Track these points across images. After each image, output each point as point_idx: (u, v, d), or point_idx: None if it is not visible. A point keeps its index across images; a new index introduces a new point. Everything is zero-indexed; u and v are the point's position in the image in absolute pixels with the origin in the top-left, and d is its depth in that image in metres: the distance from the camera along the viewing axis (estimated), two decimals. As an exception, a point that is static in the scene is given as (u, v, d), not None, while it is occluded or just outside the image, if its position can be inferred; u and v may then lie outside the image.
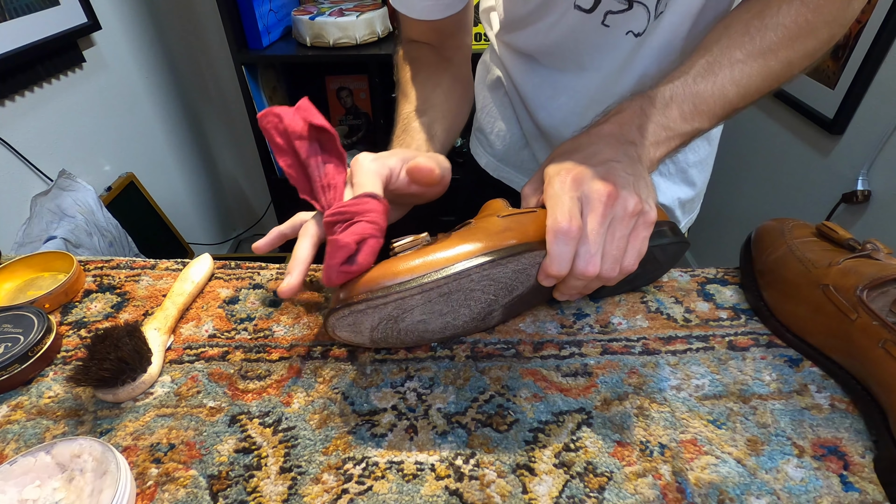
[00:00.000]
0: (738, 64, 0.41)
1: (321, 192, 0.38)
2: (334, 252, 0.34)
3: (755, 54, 0.42)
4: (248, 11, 1.32)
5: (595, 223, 0.34)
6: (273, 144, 0.39)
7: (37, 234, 1.08)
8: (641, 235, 0.36)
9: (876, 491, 0.32)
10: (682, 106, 0.41)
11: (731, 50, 0.42)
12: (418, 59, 0.57)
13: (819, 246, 0.44)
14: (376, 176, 0.38)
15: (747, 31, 0.42)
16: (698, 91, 0.41)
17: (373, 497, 0.33)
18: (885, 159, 1.08)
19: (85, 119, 1.28)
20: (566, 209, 0.34)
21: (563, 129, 0.59)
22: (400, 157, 0.40)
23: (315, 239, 0.39)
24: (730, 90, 0.42)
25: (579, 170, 0.36)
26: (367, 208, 0.35)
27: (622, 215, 0.35)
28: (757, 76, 0.42)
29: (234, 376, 0.41)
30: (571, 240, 0.34)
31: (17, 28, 1.04)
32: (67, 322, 0.48)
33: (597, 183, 0.35)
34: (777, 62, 0.42)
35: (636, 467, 0.34)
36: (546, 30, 0.53)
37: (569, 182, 0.36)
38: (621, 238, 0.35)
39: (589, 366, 0.41)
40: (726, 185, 1.66)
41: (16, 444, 0.37)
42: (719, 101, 0.42)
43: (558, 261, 0.34)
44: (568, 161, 0.38)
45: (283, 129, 0.38)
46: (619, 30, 0.50)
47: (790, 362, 0.41)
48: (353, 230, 0.34)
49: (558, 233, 0.34)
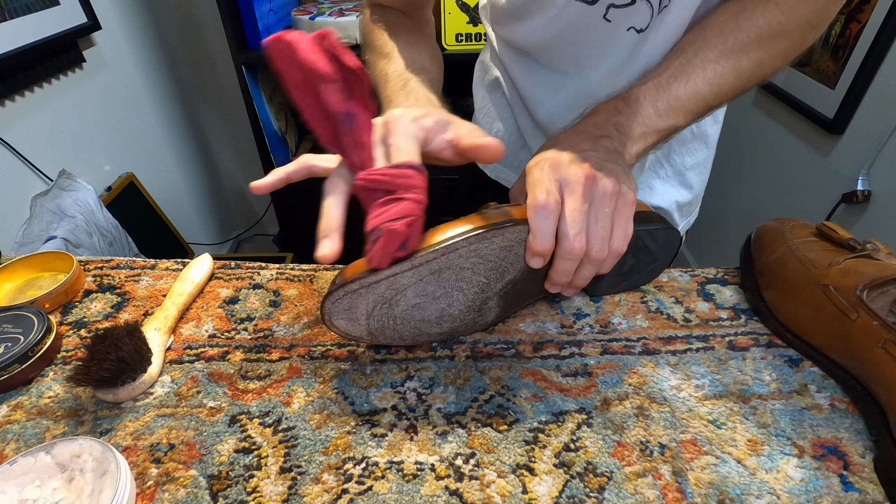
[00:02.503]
0: (711, 63, 0.43)
1: (350, 149, 0.35)
2: (391, 239, 0.33)
3: (727, 54, 0.43)
4: (248, 11, 1.32)
5: (575, 202, 0.36)
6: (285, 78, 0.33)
7: (37, 234, 1.08)
8: (624, 216, 0.37)
9: (876, 491, 0.32)
10: (655, 104, 0.43)
11: (704, 51, 0.43)
12: (395, 24, 0.56)
13: (819, 246, 0.44)
14: (416, 141, 0.36)
15: (721, 31, 0.44)
16: (672, 91, 0.43)
17: (373, 497, 0.33)
18: (885, 159, 1.08)
19: (85, 119, 1.28)
20: (544, 187, 0.36)
21: (561, 126, 0.59)
22: (435, 119, 0.38)
23: (346, 196, 0.36)
24: (704, 89, 0.43)
25: (556, 158, 0.38)
26: (412, 183, 0.33)
27: (601, 195, 0.36)
28: (730, 75, 0.44)
29: (234, 376, 0.41)
30: (551, 213, 0.35)
31: (17, 28, 1.03)
32: (67, 322, 0.48)
33: (573, 166, 0.37)
34: (749, 62, 0.44)
35: (636, 467, 0.34)
36: (545, 24, 0.53)
37: (546, 168, 0.37)
38: (605, 217, 0.36)
39: (589, 366, 0.41)
40: (726, 185, 1.66)
41: (16, 444, 0.37)
42: (693, 99, 0.43)
43: (541, 235, 0.35)
44: (545, 154, 0.39)
45: (300, 62, 0.32)
46: (620, 25, 0.49)
47: (790, 362, 0.41)
48: (401, 209, 0.32)
49: (538, 208, 0.35)
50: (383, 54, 0.53)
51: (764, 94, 1.47)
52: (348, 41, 1.36)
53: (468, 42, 1.36)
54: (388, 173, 0.33)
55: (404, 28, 0.56)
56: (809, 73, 1.26)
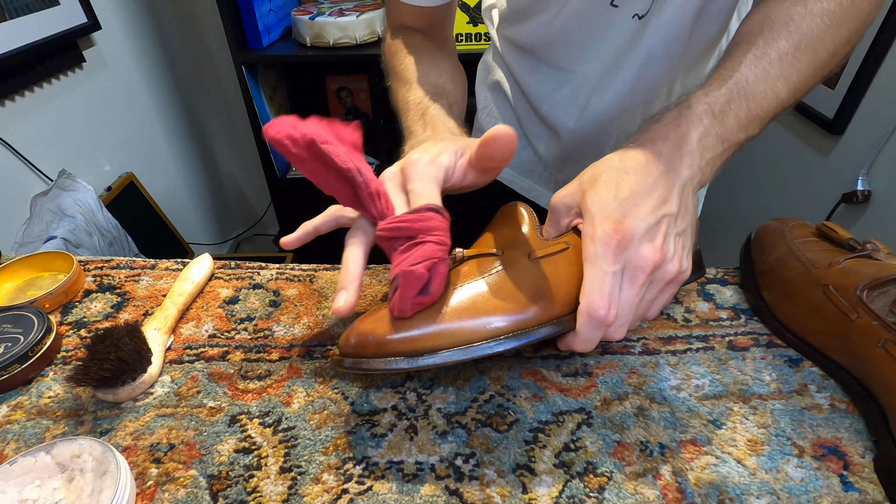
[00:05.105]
0: (787, 57, 0.37)
1: (369, 201, 0.34)
2: (410, 283, 0.31)
3: (803, 46, 0.37)
4: (248, 11, 1.32)
5: (631, 295, 0.32)
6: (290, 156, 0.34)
7: (37, 234, 1.08)
8: (669, 293, 0.34)
9: (876, 491, 0.32)
10: (738, 112, 0.36)
11: (776, 41, 0.37)
12: (416, 46, 0.55)
13: (819, 246, 0.44)
14: (435, 183, 0.35)
15: (791, 18, 0.37)
16: (752, 93, 0.36)
17: (373, 497, 0.33)
18: (885, 159, 1.08)
19: (85, 119, 1.28)
20: (606, 291, 0.31)
21: (566, 121, 0.59)
22: (451, 151, 0.37)
23: (366, 247, 0.35)
24: (781, 88, 0.37)
25: (626, 228, 0.31)
26: (432, 225, 0.32)
27: (660, 280, 0.33)
28: (807, 69, 0.38)
29: (234, 376, 0.41)
30: (606, 327, 0.31)
31: (17, 28, 1.04)
32: (67, 322, 0.48)
33: (644, 248, 0.31)
34: (825, 52, 0.38)
35: (636, 467, 0.34)
36: (549, 20, 0.53)
37: (613, 248, 0.31)
38: (649, 301, 0.34)
39: (589, 366, 0.41)
40: (726, 185, 1.66)
41: (16, 444, 0.37)
42: (772, 101, 0.37)
43: (586, 343, 0.32)
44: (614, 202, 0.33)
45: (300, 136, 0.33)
46: (626, 11, 0.49)
47: (790, 362, 0.41)
48: (422, 253, 0.32)
49: (593, 318, 0.31)
50: (404, 80, 0.52)
51: (764, 94, 1.47)
52: (348, 41, 1.36)
53: (468, 42, 1.36)
54: (408, 219, 0.33)
55: (425, 50, 0.55)
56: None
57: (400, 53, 0.55)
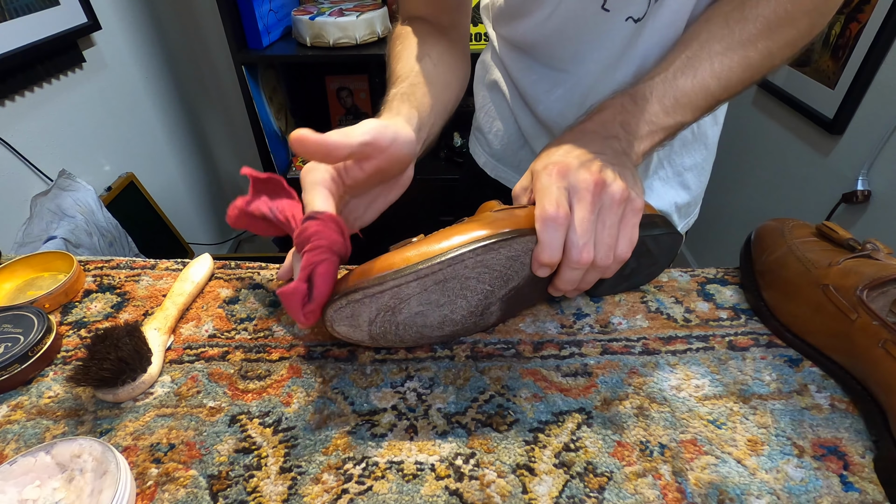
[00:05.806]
0: (718, 56, 0.42)
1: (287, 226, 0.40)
2: (286, 302, 0.33)
3: (735, 46, 0.42)
4: (248, 11, 1.32)
5: (584, 211, 0.35)
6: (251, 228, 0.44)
7: (37, 234, 1.08)
8: (631, 222, 0.37)
9: (876, 491, 0.32)
10: (662, 101, 0.42)
11: (710, 43, 0.42)
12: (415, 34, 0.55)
13: (819, 246, 0.44)
14: (319, 187, 0.36)
15: (727, 23, 0.42)
16: (679, 86, 0.42)
17: (373, 497, 0.33)
18: (885, 159, 1.08)
19: (85, 119, 1.28)
20: (553, 198, 0.35)
21: (561, 122, 0.59)
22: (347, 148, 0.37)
23: None
24: (711, 83, 0.42)
25: (565, 162, 0.37)
26: (310, 234, 0.34)
27: (610, 203, 0.36)
28: (737, 67, 0.42)
29: (234, 376, 0.41)
30: (560, 226, 0.35)
31: (17, 28, 1.04)
32: (67, 322, 0.48)
33: (582, 173, 0.36)
34: (757, 53, 0.42)
35: (636, 467, 0.34)
36: (543, 20, 0.53)
37: (555, 174, 0.36)
38: (612, 226, 0.36)
39: (589, 366, 0.41)
40: (726, 185, 1.66)
41: (16, 444, 0.37)
42: (700, 94, 0.42)
43: (549, 247, 0.35)
44: (553, 156, 0.38)
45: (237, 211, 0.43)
46: (619, 15, 0.49)
47: (790, 362, 0.41)
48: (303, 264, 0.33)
49: (547, 220, 0.35)
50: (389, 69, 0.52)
51: (764, 93, 1.47)
52: (348, 41, 1.36)
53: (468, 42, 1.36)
54: (296, 235, 0.34)
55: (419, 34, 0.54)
56: (809, 72, 1.26)
57: (394, 41, 0.55)
